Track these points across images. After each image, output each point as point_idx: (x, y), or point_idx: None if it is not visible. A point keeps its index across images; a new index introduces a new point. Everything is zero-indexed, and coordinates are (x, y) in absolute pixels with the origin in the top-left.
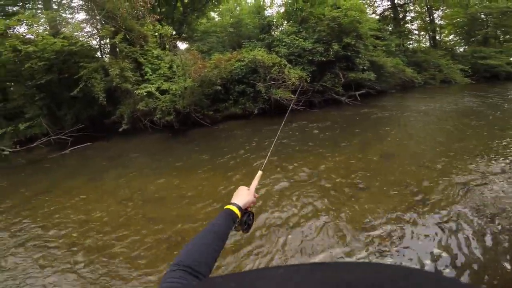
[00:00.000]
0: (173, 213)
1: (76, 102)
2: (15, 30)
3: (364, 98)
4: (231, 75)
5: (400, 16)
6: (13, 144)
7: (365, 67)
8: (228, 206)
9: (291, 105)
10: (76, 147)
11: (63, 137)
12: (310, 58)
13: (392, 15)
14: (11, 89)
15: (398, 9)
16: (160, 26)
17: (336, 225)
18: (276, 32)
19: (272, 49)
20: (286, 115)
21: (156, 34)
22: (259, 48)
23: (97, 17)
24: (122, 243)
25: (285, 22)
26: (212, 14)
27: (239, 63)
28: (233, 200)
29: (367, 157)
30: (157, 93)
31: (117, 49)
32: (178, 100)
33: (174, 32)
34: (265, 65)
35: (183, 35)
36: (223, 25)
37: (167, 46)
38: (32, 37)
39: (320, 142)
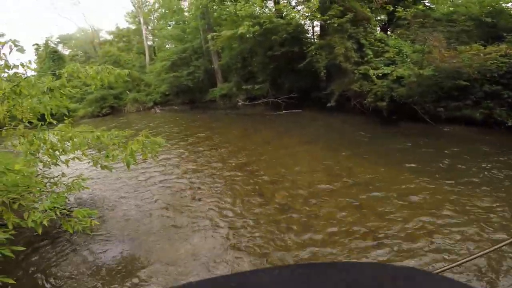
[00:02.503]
0: None
1: (293, 74)
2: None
3: None
4: (479, 71)
5: None
6: (246, 99)
7: None
8: None
9: None
10: (290, 110)
11: (278, 100)
12: None
13: None
14: (253, 58)
15: None
16: (392, 7)
17: None
18: None
19: None
20: None
21: (382, 17)
22: None
23: None
24: None
25: None
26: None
27: (502, 58)
28: None
29: None
30: (373, 76)
31: (341, 28)
32: (397, 88)
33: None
34: None
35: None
36: (470, 13)
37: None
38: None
39: None
